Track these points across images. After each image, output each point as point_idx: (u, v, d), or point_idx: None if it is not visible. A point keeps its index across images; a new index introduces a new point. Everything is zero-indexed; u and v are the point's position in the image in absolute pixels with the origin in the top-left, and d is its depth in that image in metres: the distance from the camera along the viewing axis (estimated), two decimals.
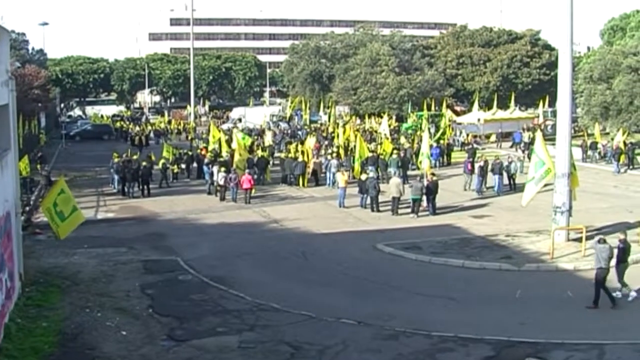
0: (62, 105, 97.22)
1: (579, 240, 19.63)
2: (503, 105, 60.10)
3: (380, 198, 26.77)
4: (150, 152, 37.67)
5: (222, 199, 29.36)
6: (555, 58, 33.59)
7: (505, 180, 30.71)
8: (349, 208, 27.25)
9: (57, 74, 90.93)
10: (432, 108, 57.15)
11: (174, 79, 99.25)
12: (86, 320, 14.33)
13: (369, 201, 26.85)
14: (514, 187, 30.17)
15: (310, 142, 38.86)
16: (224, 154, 34.09)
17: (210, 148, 37.14)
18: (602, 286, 15.24)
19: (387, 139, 42.54)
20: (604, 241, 15.60)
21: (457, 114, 62.42)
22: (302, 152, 34.39)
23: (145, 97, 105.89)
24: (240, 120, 66.42)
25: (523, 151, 39.76)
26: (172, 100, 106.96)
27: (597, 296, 15.19)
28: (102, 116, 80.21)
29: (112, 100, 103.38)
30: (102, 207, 28.45)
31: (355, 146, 33.57)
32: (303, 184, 32.38)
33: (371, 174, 27.88)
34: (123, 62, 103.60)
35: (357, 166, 31.74)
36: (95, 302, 15.46)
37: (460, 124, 53.13)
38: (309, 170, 32.44)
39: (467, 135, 48.46)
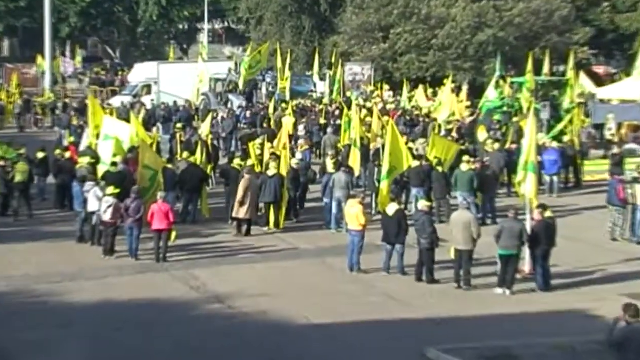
0: None
1: None
2: None
3: (437, 254, 23.12)
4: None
5: (109, 251, 25.34)
6: None
7: None
8: (369, 273, 23.55)
9: None
10: (546, 69, 49.40)
11: (9, 2, 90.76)
12: None
13: (406, 259, 23.57)
14: None
15: (288, 124, 36.78)
16: (115, 158, 30.17)
17: (84, 146, 33.35)
18: None
19: (450, 133, 38.15)
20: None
21: (600, 82, 55.90)
22: (276, 157, 30.11)
23: None
24: (148, 89, 59.83)
25: None
26: (6, 46, 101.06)
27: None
28: None
29: None
30: None
31: (383, 147, 29.33)
32: (277, 223, 28.23)
33: (420, 206, 24.07)
34: None
35: (386, 187, 26.94)
36: None
37: (605, 102, 46.64)
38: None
39: (619, 126, 42.45)
